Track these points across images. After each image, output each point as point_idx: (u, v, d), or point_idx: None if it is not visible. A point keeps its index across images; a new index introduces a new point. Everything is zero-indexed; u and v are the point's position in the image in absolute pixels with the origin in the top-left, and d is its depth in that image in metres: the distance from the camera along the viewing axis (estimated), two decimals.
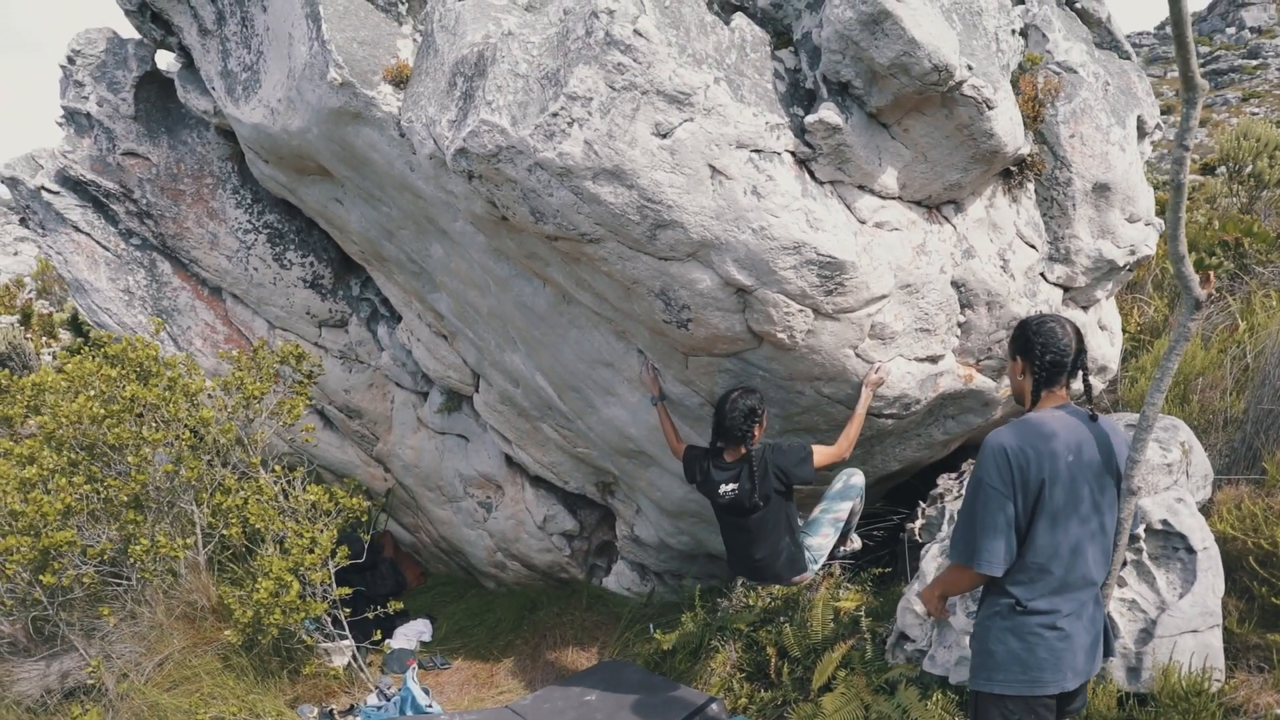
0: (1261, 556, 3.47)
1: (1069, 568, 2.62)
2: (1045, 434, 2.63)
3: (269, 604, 5.10)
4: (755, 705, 4.55)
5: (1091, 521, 2.65)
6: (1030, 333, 2.72)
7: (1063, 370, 2.71)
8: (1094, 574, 2.67)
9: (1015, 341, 2.79)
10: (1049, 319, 2.75)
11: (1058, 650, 2.62)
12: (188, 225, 6.50)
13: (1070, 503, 2.61)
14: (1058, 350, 2.67)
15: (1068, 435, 2.64)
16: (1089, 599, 2.68)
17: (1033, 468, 2.58)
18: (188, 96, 6.00)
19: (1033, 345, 2.70)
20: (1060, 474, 2.60)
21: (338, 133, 4.68)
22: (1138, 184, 4.43)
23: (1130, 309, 6.68)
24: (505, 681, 6.04)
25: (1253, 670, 3.26)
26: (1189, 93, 2.32)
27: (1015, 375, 2.82)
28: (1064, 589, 2.63)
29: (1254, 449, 4.25)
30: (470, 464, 6.76)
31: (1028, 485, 2.58)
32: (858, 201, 3.76)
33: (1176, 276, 2.54)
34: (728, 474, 3.93)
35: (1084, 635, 2.66)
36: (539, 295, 4.57)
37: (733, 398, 3.87)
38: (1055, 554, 2.61)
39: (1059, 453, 2.60)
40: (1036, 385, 2.73)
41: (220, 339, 6.93)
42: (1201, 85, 2.30)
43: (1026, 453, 2.59)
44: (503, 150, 3.50)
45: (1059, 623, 2.62)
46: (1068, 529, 2.61)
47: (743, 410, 3.84)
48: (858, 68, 3.47)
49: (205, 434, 5.65)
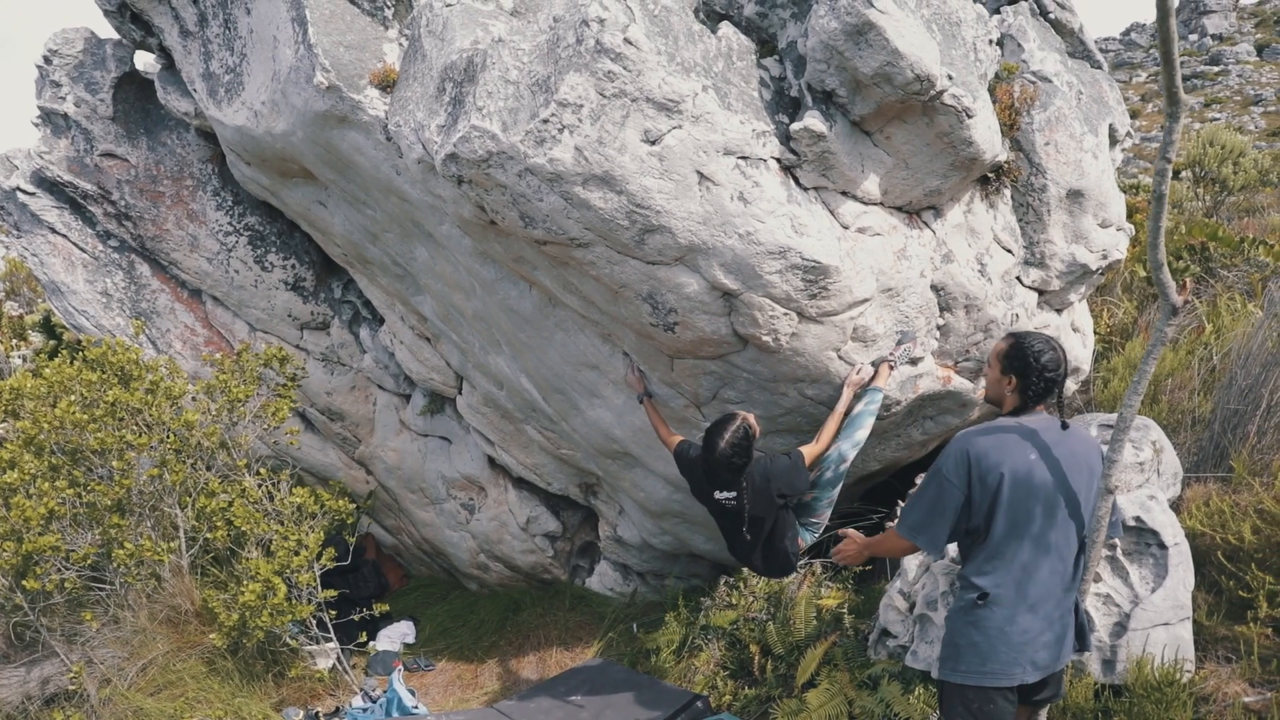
0: (1229, 551, 3.59)
1: (1031, 566, 2.73)
2: (1016, 438, 2.78)
3: (256, 607, 5.10)
4: (740, 702, 4.62)
5: (1058, 524, 2.76)
6: (1030, 355, 2.81)
7: (1055, 390, 2.84)
8: (1060, 572, 2.77)
9: (1012, 360, 2.86)
10: (1046, 345, 2.84)
11: (1016, 645, 2.72)
12: (167, 227, 6.46)
13: (1035, 505, 2.73)
14: (1056, 373, 2.80)
15: (1039, 440, 2.79)
16: (1054, 595, 2.76)
17: (994, 468, 2.72)
18: (168, 98, 5.97)
19: (1031, 368, 2.80)
20: (1026, 476, 2.72)
21: (323, 136, 4.69)
22: (1110, 190, 4.55)
23: (1101, 311, 6.84)
24: (490, 682, 6.07)
25: (1221, 661, 3.37)
26: (1173, 107, 2.39)
27: (1004, 389, 2.92)
28: (1026, 586, 2.73)
29: (1221, 447, 4.39)
30: (453, 466, 6.78)
31: (985, 483, 2.73)
32: (841, 207, 3.85)
33: (1155, 283, 2.63)
34: (723, 483, 3.91)
35: (1047, 631, 2.75)
36: (525, 298, 4.61)
37: (729, 434, 3.71)
38: (1017, 553, 2.73)
39: (1027, 456, 2.75)
40: (1025, 401, 2.86)
41: (200, 341, 6.89)
42: (1185, 100, 2.38)
43: (990, 455, 2.74)
44: (493, 156, 3.54)
45: (1019, 618, 2.72)
46: (1031, 530, 2.73)
47: (738, 447, 3.71)
48: (842, 77, 3.55)
49: (189, 438, 5.63)
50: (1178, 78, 2.30)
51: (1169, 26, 2.19)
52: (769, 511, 3.91)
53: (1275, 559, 3.47)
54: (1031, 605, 2.73)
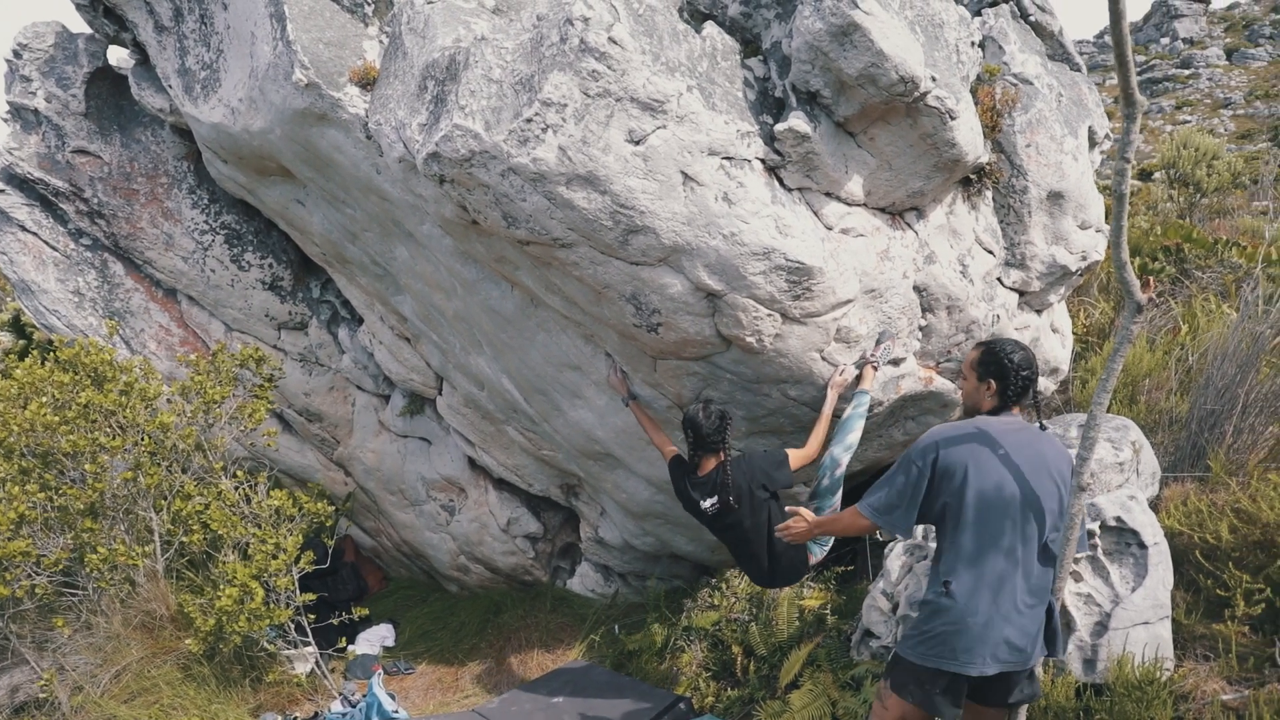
0: (1206, 550, 3.62)
1: (994, 562, 2.77)
2: (986, 435, 2.87)
3: (233, 611, 5.03)
4: (722, 704, 4.61)
5: (1022, 522, 2.80)
6: (1004, 358, 2.97)
7: (1030, 389, 2.98)
8: (1024, 569, 2.79)
9: (987, 366, 3.01)
10: (1016, 346, 3.01)
11: (975, 636, 2.75)
12: (141, 225, 6.36)
13: (1000, 503, 2.79)
14: (1030, 372, 2.96)
15: (1009, 440, 2.87)
16: (1018, 590, 2.78)
17: (960, 464, 2.81)
18: (142, 94, 5.88)
19: (1008, 371, 2.95)
20: (991, 474, 2.80)
21: (302, 134, 4.63)
22: (1089, 192, 4.59)
23: (1078, 312, 6.90)
24: (470, 685, 6.03)
25: (1199, 659, 3.40)
26: (1129, 108, 2.43)
27: (982, 395, 3.04)
28: (989, 580, 2.77)
29: (1198, 447, 4.43)
30: (433, 467, 6.73)
31: (950, 476, 2.82)
32: (825, 208, 3.84)
33: (1119, 281, 2.67)
34: (706, 488, 3.98)
35: (1008, 625, 2.76)
36: (507, 299, 4.58)
37: (703, 410, 3.94)
38: (980, 548, 2.78)
39: (994, 454, 2.83)
40: (1002, 403, 2.99)
41: (175, 341, 6.79)
42: (1140, 102, 2.43)
43: (959, 449, 2.84)
44: (476, 155, 3.51)
45: (980, 609, 2.75)
46: (995, 526, 2.78)
47: (716, 417, 3.93)
48: (826, 78, 3.55)
49: (164, 440, 5.54)
50: (1133, 79, 2.34)
51: (1122, 29, 2.22)
52: (757, 509, 3.91)
53: (1252, 557, 3.51)
54: (994, 598, 2.76)
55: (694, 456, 4.02)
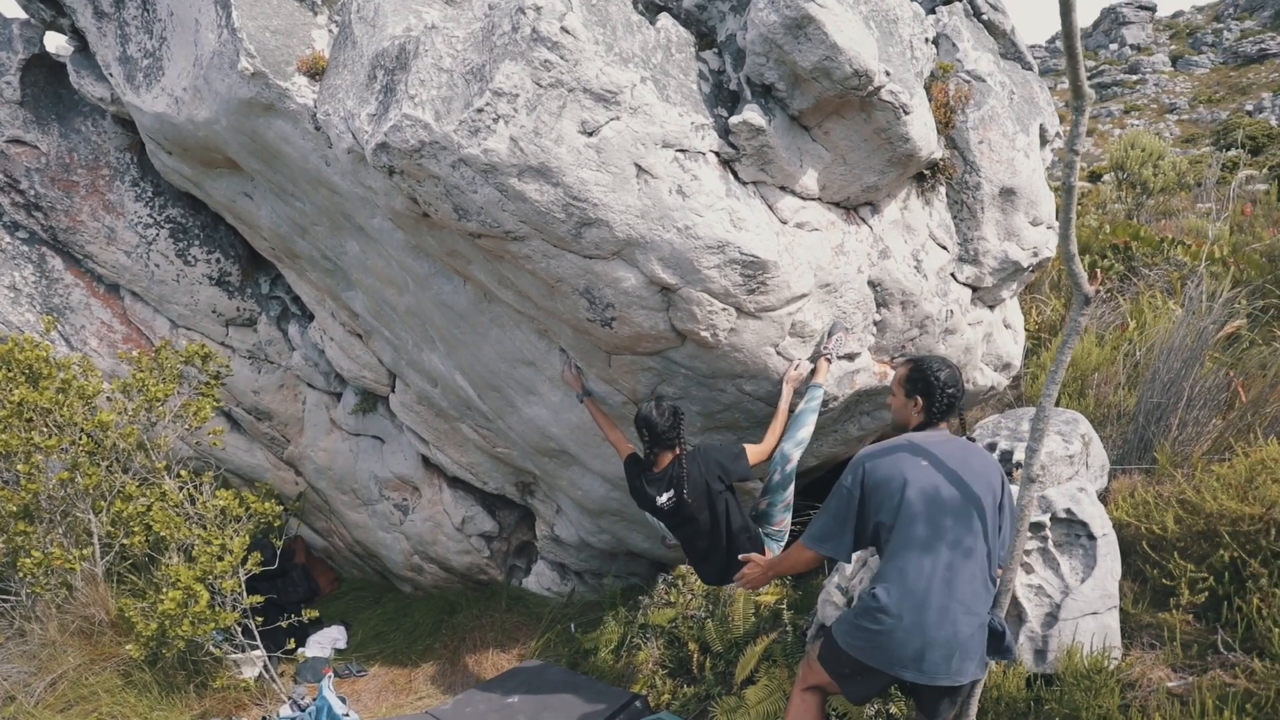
0: (1153, 541, 3.68)
1: (924, 574, 2.78)
2: (912, 452, 2.93)
3: (176, 615, 4.88)
4: (678, 701, 4.59)
5: (953, 534, 2.81)
6: (931, 375, 3.06)
7: (955, 406, 3.07)
8: (954, 580, 2.79)
9: (914, 383, 3.10)
10: (943, 364, 3.10)
11: (900, 642, 2.77)
12: (81, 219, 6.16)
13: (929, 516, 2.81)
14: (956, 389, 3.05)
15: (936, 454, 2.93)
16: (943, 603, 2.77)
17: (888, 480, 2.86)
18: (81, 82, 5.69)
19: (934, 387, 3.04)
20: (920, 489, 2.84)
21: (248, 125, 4.51)
22: (1040, 189, 4.64)
23: (1030, 309, 7.00)
24: (424, 687, 5.94)
25: (1146, 647, 3.45)
26: (1077, 100, 2.44)
27: (910, 411, 3.12)
28: (916, 589, 2.77)
29: (1145, 440, 4.51)
30: (386, 466, 6.62)
31: (880, 493, 2.87)
32: (779, 202, 3.83)
33: (1068, 274, 2.69)
34: (661, 484, 3.96)
35: (935, 633, 2.75)
36: (459, 293, 4.50)
37: (655, 407, 3.92)
38: (909, 561, 2.80)
39: (919, 468, 2.88)
40: (929, 419, 3.07)
41: (118, 339, 6.59)
42: (1089, 94, 2.45)
43: (887, 460, 2.91)
44: (426, 145, 3.44)
45: (905, 619, 2.76)
46: (941, 524, 2.81)
47: (669, 414, 3.91)
48: (781, 71, 3.54)
49: (104, 439, 5.36)
50: (1082, 71, 2.35)
51: (1071, 21, 2.23)
52: (714, 501, 3.90)
53: (1196, 547, 3.57)
54: (919, 609, 2.76)
55: (649, 454, 4.00)
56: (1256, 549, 3.35)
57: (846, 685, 2.98)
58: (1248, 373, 4.88)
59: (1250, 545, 3.38)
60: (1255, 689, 3.01)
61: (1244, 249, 7.21)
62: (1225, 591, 3.36)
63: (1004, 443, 4.06)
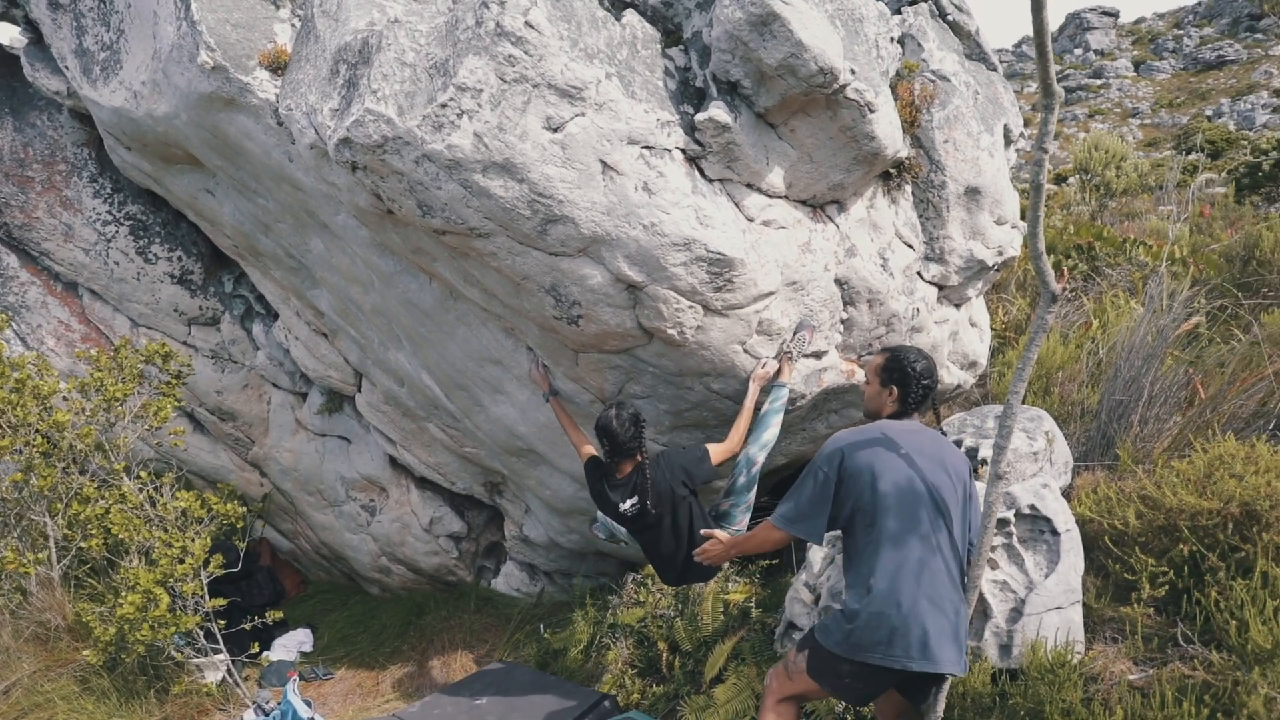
0: (1115, 536, 3.71)
1: (915, 549, 2.79)
2: (890, 438, 2.93)
3: (135, 619, 4.78)
4: (648, 700, 4.57)
5: (939, 516, 2.84)
6: (907, 365, 3.06)
7: (930, 396, 3.08)
8: (947, 563, 2.82)
9: (891, 372, 3.10)
10: (919, 355, 3.10)
11: (897, 626, 2.74)
12: (37, 215, 6.03)
13: (916, 494, 2.82)
14: (931, 380, 3.06)
15: (913, 441, 2.94)
16: (941, 582, 2.79)
17: (864, 468, 2.86)
18: (36, 75, 5.56)
19: (910, 377, 3.04)
20: (902, 470, 2.85)
21: (209, 119, 4.43)
22: (1005, 188, 4.68)
23: (996, 309, 7.07)
24: (391, 689, 5.87)
25: (1108, 641, 3.49)
26: (1047, 98, 2.43)
27: (884, 400, 3.12)
28: (910, 568, 2.77)
29: (1108, 437, 4.56)
30: (352, 466, 6.54)
31: (858, 476, 2.85)
32: (746, 200, 3.83)
33: (1036, 272, 2.71)
34: (624, 490, 3.90)
35: (929, 617, 2.76)
36: (425, 291, 4.46)
37: (616, 416, 3.82)
38: (900, 538, 2.79)
39: (900, 452, 2.89)
40: (903, 409, 3.08)
41: (76, 338, 6.46)
42: (1058, 92, 2.45)
43: (864, 451, 2.89)
44: (389, 141, 3.39)
45: (904, 599, 2.75)
46: (917, 515, 2.82)
47: (630, 421, 3.82)
48: (746, 68, 3.54)
49: (60, 439, 5.24)
50: (1051, 69, 2.34)
51: (1043, 19, 2.23)
52: (677, 506, 3.88)
53: (1156, 542, 3.61)
54: (916, 586, 2.76)
55: (611, 461, 3.94)
56: (1215, 543, 3.40)
57: (848, 691, 2.93)
58: (1206, 370, 4.96)
59: (1209, 539, 3.42)
60: (1213, 680, 3.05)
61: (1203, 249, 7.34)
62: (1185, 585, 3.40)
63: (970, 440, 4.08)
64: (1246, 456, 3.60)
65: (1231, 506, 3.39)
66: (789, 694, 3.04)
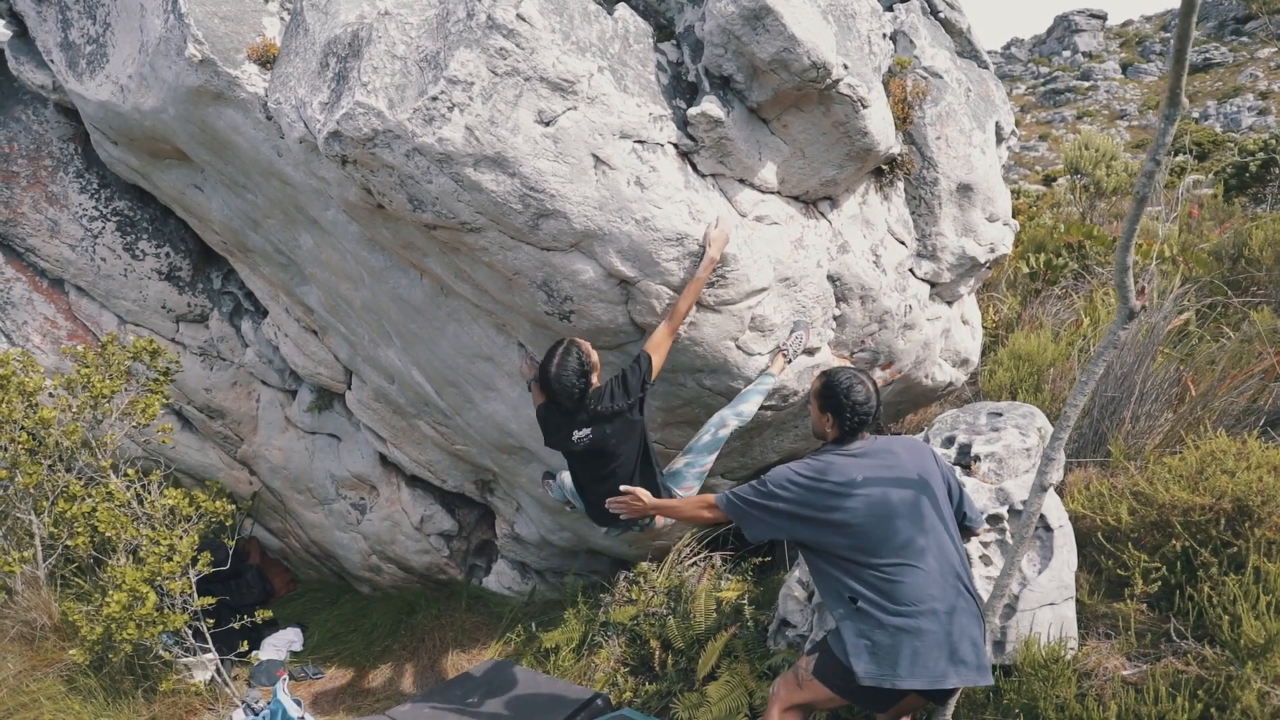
0: (1107, 532, 3.72)
1: (925, 575, 2.75)
2: (847, 460, 2.91)
3: (121, 618, 4.73)
4: (640, 698, 4.56)
5: (923, 521, 2.82)
6: (840, 392, 2.98)
7: (870, 421, 3.00)
8: (947, 566, 2.79)
9: (826, 399, 3.03)
10: (852, 376, 3.02)
11: (932, 651, 2.69)
12: (23, 211, 5.96)
13: (881, 517, 2.80)
14: (867, 406, 2.97)
15: (871, 460, 2.91)
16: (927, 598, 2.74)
17: (836, 489, 2.83)
18: (20, 69, 5.50)
19: (844, 405, 2.97)
20: (872, 489, 2.82)
21: (197, 114, 4.39)
22: (997, 186, 4.69)
23: (987, 306, 7.09)
24: (382, 689, 5.84)
25: (1101, 637, 3.49)
26: (1170, 109, 2.24)
27: (824, 424, 3.06)
28: (921, 594, 2.73)
29: (1100, 433, 4.57)
30: (342, 464, 6.50)
31: (827, 501, 2.83)
32: (738, 195, 3.82)
33: (1117, 286, 2.60)
34: (576, 420, 3.60)
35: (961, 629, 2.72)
36: (416, 287, 4.42)
37: (557, 364, 3.45)
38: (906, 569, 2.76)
39: (855, 475, 2.86)
40: (843, 434, 3.01)
41: (63, 335, 6.40)
42: (1184, 104, 2.26)
43: (825, 485, 2.86)
44: (379, 134, 3.36)
45: (887, 624, 2.72)
46: (883, 540, 2.79)
47: (573, 371, 3.46)
48: (739, 62, 3.52)
49: (45, 437, 5.18)
50: (1184, 78, 2.17)
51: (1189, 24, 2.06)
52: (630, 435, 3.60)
53: (1149, 538, 3.62)
54: (934, 613, 2.71)
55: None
56: (1207, 539, 3.41)
57: (858, 695, 2.89)
58: (1197, 367, 4.97)
59: (1201, 535, 3.43)
60: (1207, 675, 3.05)
61: (1192, 248, 7.36)
62: (1177, 581, 3.41)
63: (962, 436, 4.07)
64: (1238, 452, 3.61)
65: (1224, 502, 3.40)
66: (797, 702, 2.98)
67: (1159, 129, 2.28)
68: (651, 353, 3.56)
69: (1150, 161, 2.35)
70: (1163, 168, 2.31)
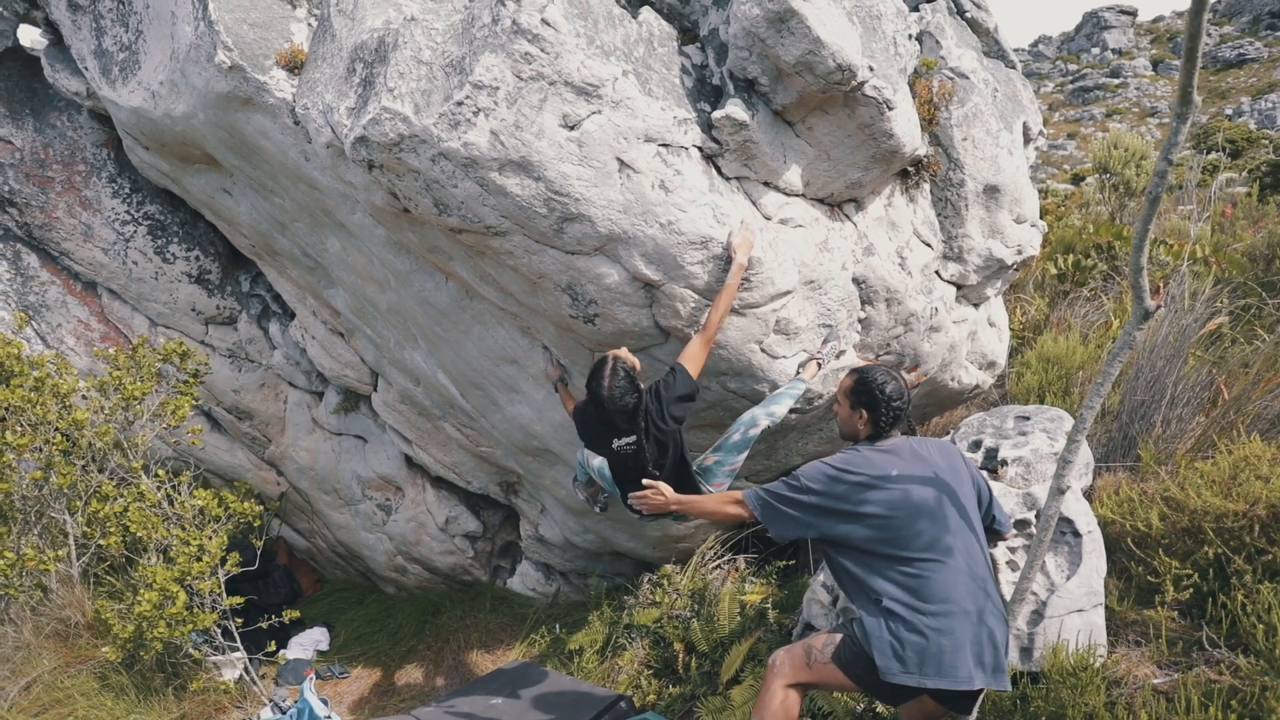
0: (1138, 538, 3.67)
1: (951, 575, 2.73)
2: (880, 458, 2.89)
3: (152, 617, 4.80)
4: (664, 701, 4.56)
5: (936, 531, 2.78)
6: (875, 388, 2.98)
7: (902, 417, 3.00)
8: (974, 568, 2.77)
9: (859, 395, 3.02)
10: (888, 376, 3.01)
11: (955, 651, 2.66)
12: (58, 215, 6.07)
13: (910, 517, 2.78)
14: (901, 402, 2.98)
15: (901, 458, 2.89)
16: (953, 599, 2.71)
17: (861, 498, 2.81)
18: (56, 76, 5.60)
19: (879, 400, 2.96)
20: (894, 492, 2.80)
21: (226, 119, 4.45)
22: (1024, 187, 4.64)
23: (1014, 308, 7.01)
24: (408, 689, 5.88)
25: (1131, 645, 3.44)
26: (1183, 108, 2.25)
27: (856, 423, 3.04)
28: (949, 596, 2.71)
29: (1129, 437, 4.50)
30: (368, 465, 6.56)
31: (852, 498, 2.82)
32: (763, 198, 3.81)
33: (1131, 286, 2.59)
34: (619, 429, 3.55)
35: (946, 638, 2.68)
36: (441, 290, 4.45)
37: (608, 383, 3.38)
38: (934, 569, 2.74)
39: (891, 472, 2.84)
40: (877, 431, 3.00)
41: (96, 337, 6.50)
42: (1196, 103, 2.27)
43: (854, 480, 2.84)
44: (405, 139, 3.39)
45: (916, 626, 2.69)
46: (910, 541, 2.77)
47: (623, 390, 3.40)
48: (764, 65, 3.51)
49: (79, 438, 5.27)
50: (1195, 77, 2.17)
51: (1200, 21, 2.05)
52: (668, 443, 3.60)
53: (1180, 544, 3.56)
54: (963, 614, 2.69)
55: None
56: (1241, 545, 3.35)
57: (876, 687, 2.85)
58: (1230, 370, 4.89)
59: (1234, 542, 3.37)
60: (1241, 685, 3.00)
61: (1225, 249, 7.24)
62: (1210, 588, 3.35)
63: (989, 440, 4.04)
64: (1273, 458, 3.55)
65: (1258, 508, 3.34)
66: (802, 681, 2.92)
67: (1170, 128, 2.28)
68: (688, 364, 3.55)
69: (1162, 161, 2.34)
70: (1177, 166, 2.27)
